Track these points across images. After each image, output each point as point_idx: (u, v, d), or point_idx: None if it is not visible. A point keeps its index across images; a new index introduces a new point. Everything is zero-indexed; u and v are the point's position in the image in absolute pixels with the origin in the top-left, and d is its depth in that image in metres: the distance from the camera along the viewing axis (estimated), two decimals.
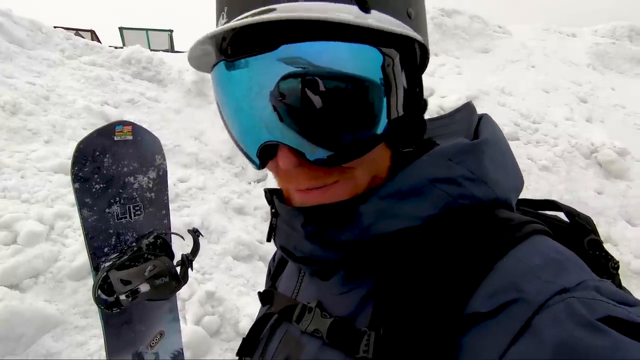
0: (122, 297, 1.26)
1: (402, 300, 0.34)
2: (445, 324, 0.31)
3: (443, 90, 5.54)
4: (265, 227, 3.68)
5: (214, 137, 4.34)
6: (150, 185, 1.52)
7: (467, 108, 0.49)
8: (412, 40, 0.37)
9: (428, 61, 0.42)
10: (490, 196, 0.38)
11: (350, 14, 0.32)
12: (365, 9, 0.32)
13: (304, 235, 0.40)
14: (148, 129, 1.51)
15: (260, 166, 0.39)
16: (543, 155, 4.70)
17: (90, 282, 2.38)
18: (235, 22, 0.32)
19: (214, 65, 0.37)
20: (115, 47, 5.20)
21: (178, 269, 1.41)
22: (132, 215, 1.47)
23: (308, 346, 0.40)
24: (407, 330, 0.32)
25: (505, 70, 7.00)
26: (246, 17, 0.33)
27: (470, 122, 0.45)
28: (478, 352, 0.29)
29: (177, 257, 1.51)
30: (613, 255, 0.39)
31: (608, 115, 6.42)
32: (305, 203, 0.39)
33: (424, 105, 0.42)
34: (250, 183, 4.10)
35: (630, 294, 0.32)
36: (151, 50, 5.57)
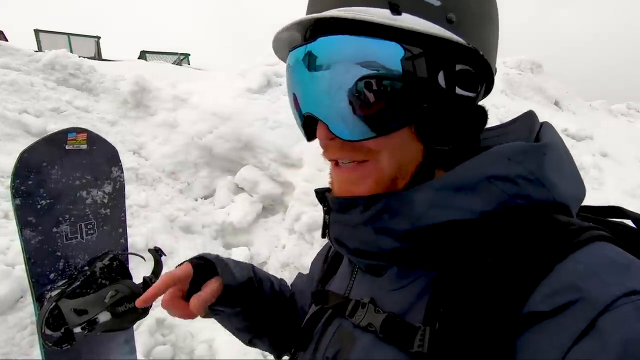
0: (77, 329, 1.09)
1: (458, 297, 0.34)
2: (502, 323, 0.31)
3: None
4: (214, 247, 3.48)
5: (155, 151, 4.04)
6: (106, 201, 1.36)
7: (528, 115, 0.48)
8: (454, 43, 0.38)
9: (493, 71, 0.43)
10: (548, 199, 0.37)
11: (382, 16, 0.37)
12: (397, 11, 0.37)
13: (360, 221, 0.41)
14: (105, 138, 1.35)
15: (308, 139, 0.44)
16: None
17: (11, 318, 2.01)
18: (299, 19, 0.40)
19: (290, 50, 0.43)
20: (35, 51, 4.63)
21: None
22: (84, 235, 1.29)
23: (361, 339, 0.40)
24: (463, 327, 0.32)
25: None
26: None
27: (531, 129, 0.45)
28: (536, 352, 0.29)
29: (136, 281, 1.35)
30: None
31: None
32: (340, 177, 0.43)
33: (481, 114, 0.44)
34: (196, 199, 3.87)
35: None
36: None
